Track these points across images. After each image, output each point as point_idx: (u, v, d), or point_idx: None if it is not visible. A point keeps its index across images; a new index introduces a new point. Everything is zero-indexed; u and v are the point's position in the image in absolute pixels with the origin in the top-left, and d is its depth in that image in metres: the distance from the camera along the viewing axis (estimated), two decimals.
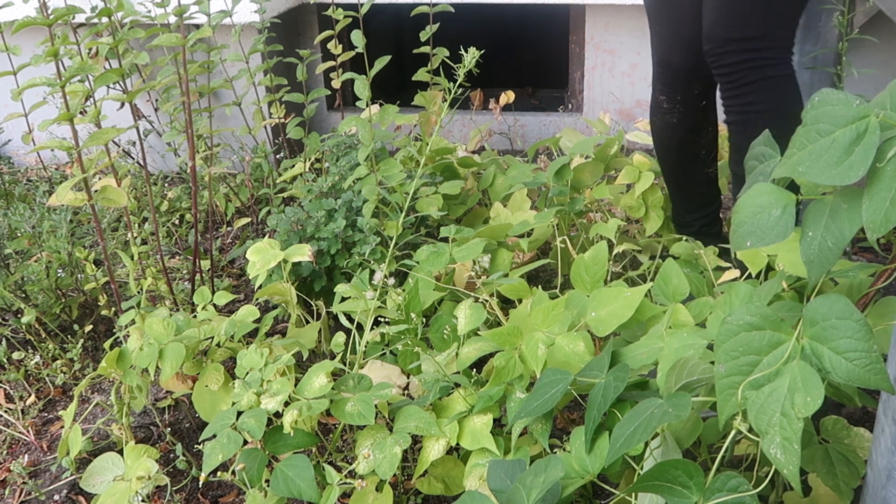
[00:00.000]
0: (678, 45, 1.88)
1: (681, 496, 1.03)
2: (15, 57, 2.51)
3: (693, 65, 1.87)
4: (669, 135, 1.99)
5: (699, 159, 2.01)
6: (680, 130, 1.96)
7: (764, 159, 1.22)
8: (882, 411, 1.06)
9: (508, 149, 3.28)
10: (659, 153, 2.05)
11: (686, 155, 2.01)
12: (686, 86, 1.91)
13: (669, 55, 1.91)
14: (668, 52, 1.91)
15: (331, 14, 2.48)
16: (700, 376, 1.17)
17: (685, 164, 2.03)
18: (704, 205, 2.08)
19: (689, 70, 1.89)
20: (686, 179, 2.06)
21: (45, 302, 2.13)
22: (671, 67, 1.91)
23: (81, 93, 1.77)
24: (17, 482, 1.75)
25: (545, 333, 1.48)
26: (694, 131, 1.96)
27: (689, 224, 2.10)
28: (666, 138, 2.00)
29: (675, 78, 1.91)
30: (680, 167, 2.04)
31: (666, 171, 2.09)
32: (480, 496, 1.18)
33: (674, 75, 1.92)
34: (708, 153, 2.01)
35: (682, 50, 1.88)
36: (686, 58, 1.88)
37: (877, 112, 0.97)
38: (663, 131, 1.99)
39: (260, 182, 2.91)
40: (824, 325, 0.97)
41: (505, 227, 2.01)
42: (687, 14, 1.83)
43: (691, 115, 1.94)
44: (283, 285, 1.91)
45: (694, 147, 1.99)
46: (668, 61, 1.92)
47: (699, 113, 1.94)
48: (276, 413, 1.45)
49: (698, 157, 2.00)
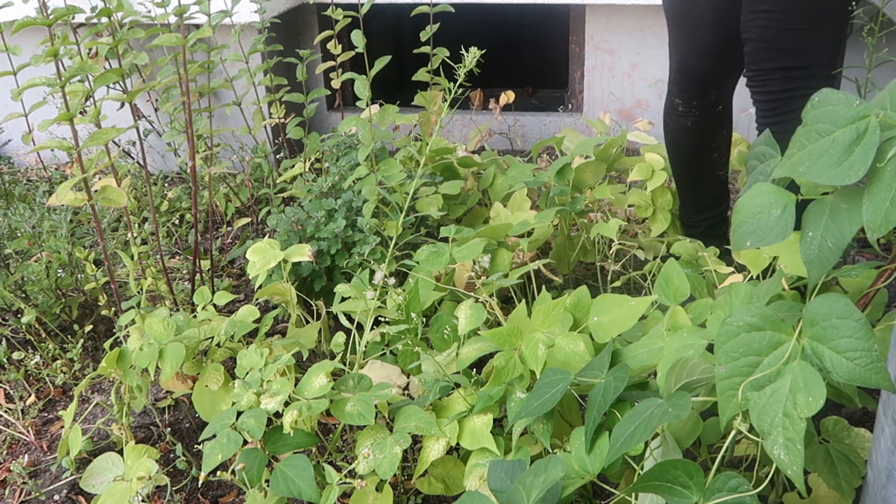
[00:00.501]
0: (695, 52, 1.88)
1: (681, 496, 1.03)
2: (15, 57, 2.51)
3: (709, 71, 1.87)
4: (683, 137, 1.99)
5: (710, 162, 2.01)
6: (694, 134, 1.97)
7: (764, 159, 1.22)
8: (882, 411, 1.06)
9: (508, 149, 3.28)
10: (671, 154, 2.06)
11: (698, 157, 2.01)
12: (703, 91, 1.91)
13: (686, 61, 1.91)
14: (685, 58, 1.91)
15: (331, 14, 2.48)
16: (700, 376, 1.17)
17: (696, 167, 2.03)
18: (712, 206, 2.08)
19: (705, 76, 1.89)
20: (696, 181, 2.07)
21: (45, 302, 2.13)
22: (688, 73, 1.91)
23: (81, 93, 1.77)
24: (17, 482, 1.75)
25: (545, 334, 1.48)
26: (707, 135, 1.96)
27: (695, 224, 2.11)
28: (679, 140, 2.00)
29: (692, 84, 1.92)
30: (691, 169, 2.05)
31: (677, 173, 2.09)
32: (480, 496, 1.18)
33: (690, 81, 1.92)
34: (720, 157, 2.01)
35: (699, 57, 1.87)
36: (703, 64, 1.88)
37: (877, 112, 0.96)
38: (677, 133, 1.99)
39: (260, 182, 2.91)
40: (825, 324, 0.96)
41: (505, 227, 2.01)
42: (703, 21, 1.82)
43: (706, 120, 1.94)
44: (283, 285, 1.91)
45: (706, 150, 1.99)
46: (685, 67, 1.92)
47: (714, 117, 1.95)
48: (276, 413, 1.45)
49: (710, 160, 2.01)
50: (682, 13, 1.87)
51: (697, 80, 1.90)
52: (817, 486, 1.33)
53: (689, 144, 2.00)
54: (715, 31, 1.81)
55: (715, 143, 1.98)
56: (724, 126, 1.98)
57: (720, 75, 1.85)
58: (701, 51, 1.86)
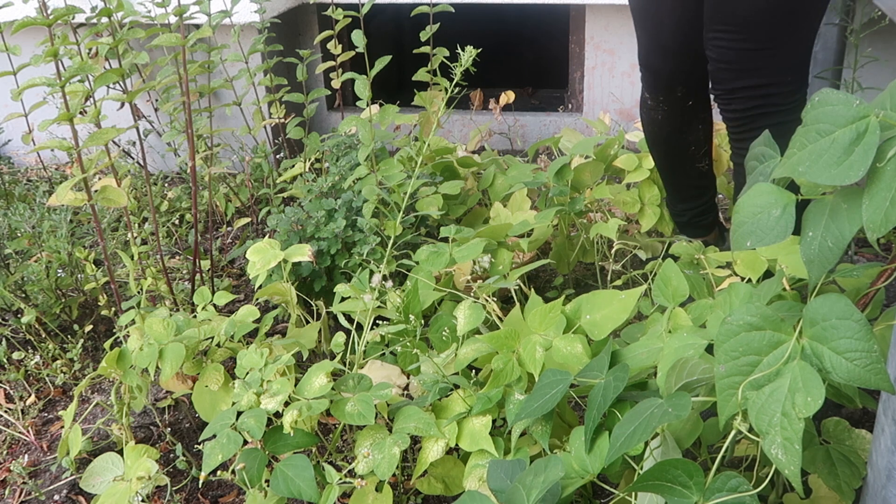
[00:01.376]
0: (657, 52, 1.87)
1: (681, 496, 1.03)
2: (15, 57, 2.51)
3: (672, 70, 1.86)
4: (655, 130, 1.99)
5: (688, 155, 2.00)
6: (666, 127, 1.96)
7: (764, 159, 1.22)
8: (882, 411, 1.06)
9: (508, 149, 3.28)
10: (649, 147, 2.06)
11: (674, 150, 2.00)
12: (668, 88, 1.90)
13: (649, 60, 1.90)
14: (648, 56, 1.90)
15: (331, 14, 2.48)
16: (700, 376, 1.17)
17: (673, 159, 2.03)
18: (695, 197, 2.08)
19: (669, 75, 1.88)
20: (675, 172, 2.07)
21: (45, 302, 2.13)
22: (651, 71, 1.91)
23: (81, 93, 1.77)
24: (17, 482, 1.75)
25: (542, 336, 1.48)
26: (680, 129, 1.95)
27: (680, 214, 2.12)
28: (653, 133, 2.00)
29: (657, 81, 1.91)
30: (668, 161, 2.05)
31: (657, 164, 2.10)
32: (480, 496, 1.18)
33: (654, 79, 1.91)
34: (697, 149, 2.00)
35: (660, 56, 1.86)
36: (665, 64, 1.87)
37: (877, 112, 0.96)
38: (649, 126, 1.99)
39: (260, 182, 2.91)
40: (824, 325, 0.96)
41: (505, 227, 2.01)
42: (665, 22, 1.81)
43: (677, 114, 1.93)
44: (283, 285, 1.91)
45: (682, 143, 1.98)
46: (648, 65, 1.91)
47: (687, 112, 1.93)
48: (276, 413, 1.45)
49: (687, 152, 2.00)
50: (646, 13, 1.86)
51: (661, 78, 1.89)
52: (818, 487, 1.33)
53: (661, 138, 1.99)
54: (676, 33, 1.80)
55: (690, 137, 1.97)
56: (698, 120, 1.96)
57: (684, 74, 1.83)
58: (663, 50, 1.85)
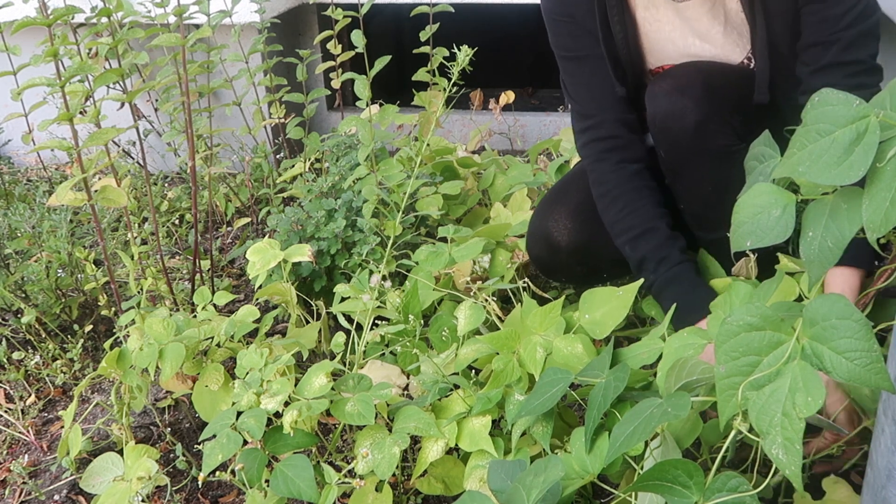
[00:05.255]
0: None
1: (681, 496, 1.03)
2: (15, 57, 2.51)
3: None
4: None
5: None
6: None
7: (764, 159, 1.22)
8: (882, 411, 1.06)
9: (508, 149, 3.28)
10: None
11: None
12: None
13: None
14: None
15: (331, 14, 2.48)
16: (700, 376, 1.17)
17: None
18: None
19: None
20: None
21: (45, 302, 2.13)
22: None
23: (81, 93, 1.77)
24: (17, 482, 1.75)
25: (542, 337, 1.48)
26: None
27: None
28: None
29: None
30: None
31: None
32: (480, 496, 1.18)
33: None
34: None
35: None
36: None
37: (877, 112, 0.96)
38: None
39: (260, 182, 2.91)
40: (824, 325, 0.96)
41: (504, 226, 2.01)
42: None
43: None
44: (283, 285, 1.91)
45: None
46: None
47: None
48: (275, 413, 1.45)
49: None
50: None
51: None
52: (831, 490, 1.32)
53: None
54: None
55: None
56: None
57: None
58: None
